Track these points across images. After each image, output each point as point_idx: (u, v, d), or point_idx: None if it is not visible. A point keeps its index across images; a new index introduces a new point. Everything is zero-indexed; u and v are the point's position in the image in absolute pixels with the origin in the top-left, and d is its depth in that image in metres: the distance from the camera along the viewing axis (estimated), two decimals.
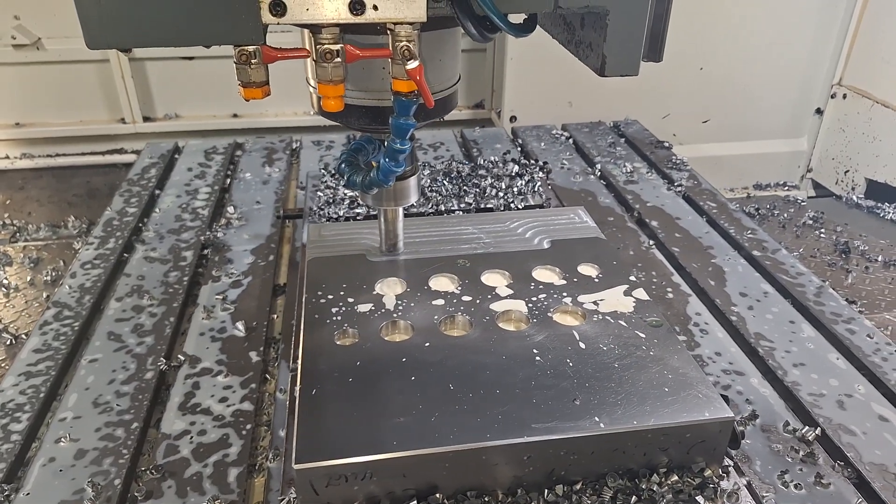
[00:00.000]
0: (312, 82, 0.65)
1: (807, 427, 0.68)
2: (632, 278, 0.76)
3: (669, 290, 0.91)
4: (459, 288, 0.73)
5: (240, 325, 0.82)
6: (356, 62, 0.53)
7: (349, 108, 0.61)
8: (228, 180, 1.19)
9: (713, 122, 1.69)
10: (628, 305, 0.71)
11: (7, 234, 1.38)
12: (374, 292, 0.72)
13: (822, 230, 1.26)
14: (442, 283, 0.74)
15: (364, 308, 0.69)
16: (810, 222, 1.29)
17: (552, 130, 1.41)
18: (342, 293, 0.71)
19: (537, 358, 0.63)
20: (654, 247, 1.01)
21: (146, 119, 1.67)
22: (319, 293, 0.71)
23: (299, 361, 0.62)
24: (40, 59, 1.58)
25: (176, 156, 1.27)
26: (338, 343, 0.65)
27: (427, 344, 0.64)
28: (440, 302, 0.71)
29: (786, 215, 1.34)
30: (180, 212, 1.08)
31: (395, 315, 0.68)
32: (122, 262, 0.96)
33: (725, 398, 0.72)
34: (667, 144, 1.35)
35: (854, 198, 1.55)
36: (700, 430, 0.58)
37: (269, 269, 0.94)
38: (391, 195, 0.72)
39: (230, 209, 1.07)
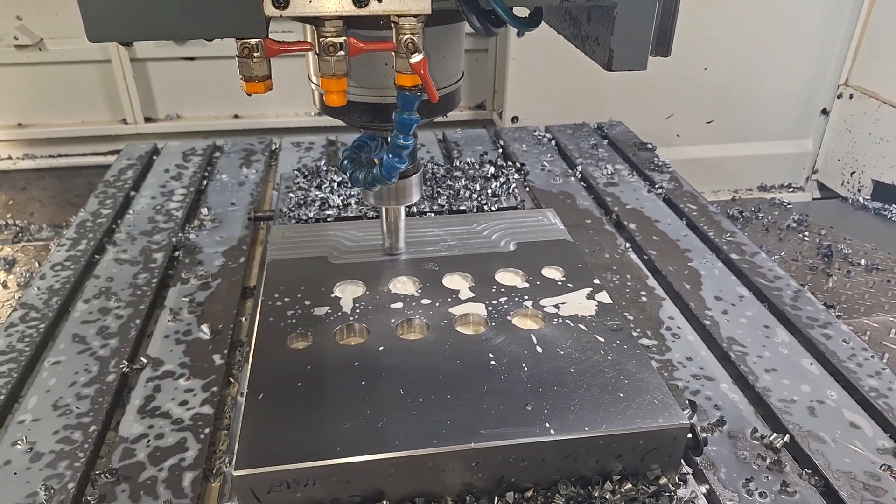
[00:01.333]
0: (314, 79, 0.65)
1: (775, 434, 0.67)
2: (596, 281, 0.75)
3: (643, 293, 0.90)
4: (419, 291, 0.72)
5: (205, 327, 0.82)
6: (358, 58, 0.53)
7: (352, 104, 0.61)
8: (205, 182, 1.18)
9: (717, 122, 1.67)
10: (590, 309, 0.70)
11: (10, 234, 1.39)
12: (333, 295, 0.71)
13: (806, 233, 1.24)
14: (402, 286, 0.73)
15: (320, 311, 0.68)
16: (794, 225, 1.28)
17: (535, 132, 1.40)
18: (300, 296, 0.70)
19: (492, 362, 0.62)
20: (630, 250, 0.99)
21: (148, 120, 1.67)
22: (276, 296, 0.70)
23: (249, 365, 0.61)
24: (42, 60, 1.58)
25: (154, 157, 1.27)
26: (290, 347, 0.64)
27: (381, 348, 0.63)
28: (398, 305, 0.70)
29: (770, 218, 1.32)
30: (154, 213, 1.07)
31: (351, 318, 0.67)
32: (93, 263, 0.96)
33: (693, 404, 0.71)
34: (650, 146, 1.33)
35: (860, 199, 1.53)
36: (654, 437, 0.57)
37: (239, 271, 0.93)
38: (393, 193, 0.72)
39: (203, 211, 1.06)
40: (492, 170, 1.14)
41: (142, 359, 0.78)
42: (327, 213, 0.98)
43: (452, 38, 0.63)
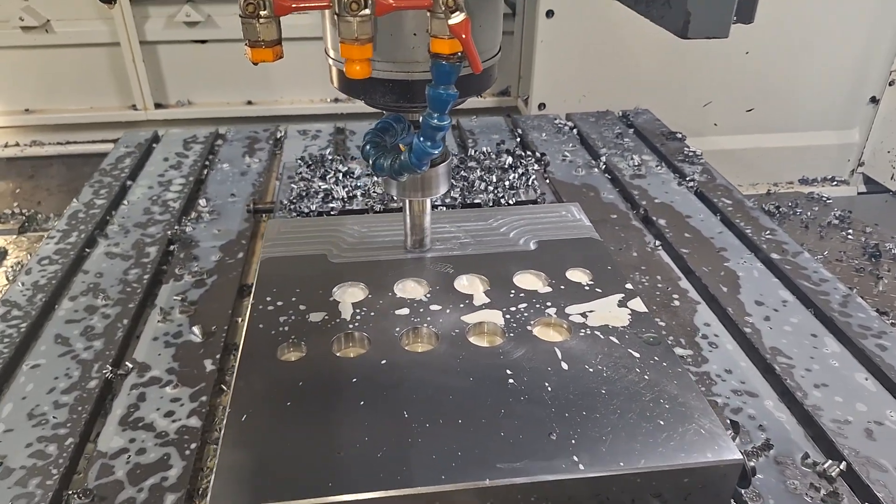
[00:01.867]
0: (332, 53, 0.57)
1: (829, 461, 0.58)
2: (628, 286, 0.65)
3: (676, 296, 0.81)
4: (428, 295, 0.63)
5: (196, 329, 0.74)
6: (382, 27, 0.45)
7: (374, 82, 0.53)
8: (206, 171, 1.10)
9: (758, 110, 1.55)
10: (622, 318, 0.61)
11: (16, 223, 1.33)
12: (331, 299, 0.62)
13: (850, 231, 1.13)
14: (409, 289, 0.64)
15: (316, 317, 0.60)
16: (836, 222, 1.16)
17: (555, 120, 1.30)
18: (294, 299, 0.62)
19: (510, 380, 0.53)
20: (660, 248, 0.90)
21: (158, 106, 1.62)
22: (269, 299, 0.62)
23: (233, 380, 0.53)
24: (49, 43, 1.52)
25: (154, 145, 1.19)
26: (280, 358, 0.55)
27: (383, 361, 0.55)
28: (404, 311, 0.61)
29: (809, 214, 1.21)
30: (150, 204, 0.99)
31: (350, 326, 0.59)
32: (83, 257, 0.88)
33: (735, 425, 0.63)
34: (679, 135, 1.23)
35: None
36: (701, 474, 0.48)
37: (237, 267, 0.85)
38: (418, 184, 0.63)
39: (202, 202, 0.98)
40: (509, 160, 1.05)
41: (127, 363, 0.70)
42: (330, 205, 0.89)
43: (490, 4, 0.55)
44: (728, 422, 0.63)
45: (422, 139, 0.51)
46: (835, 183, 1.61)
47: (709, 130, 1.54)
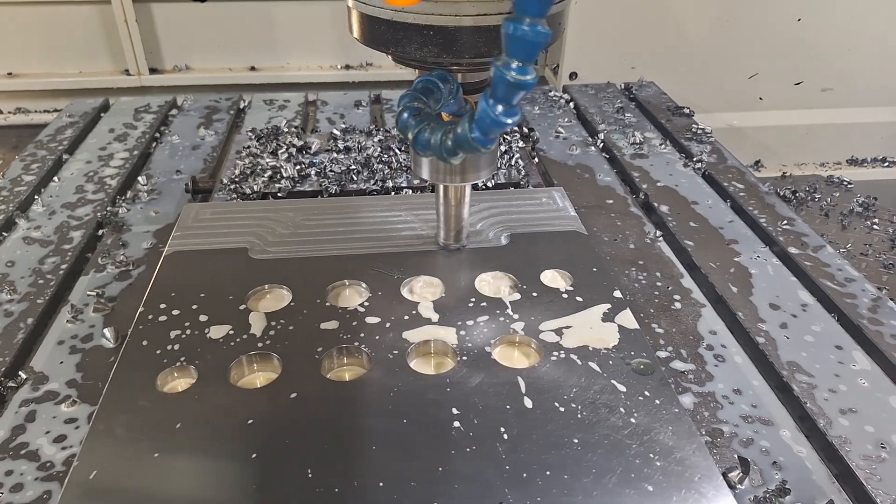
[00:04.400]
0: None
1: None
2: (617, 294, 0.51)
3: (677, 297, 0.67)
4: (366, 304, 0.49)
5: (108, 332, 0.60)
6: None
7: (409, 29, 0.41)
8: (154, 144, 0.96)
9: (807, 84, 1.37)
10: (607, 337, 0.46)
11: None
12: (242, 307, 0.48)
13: (876, 220, 0.97)
14: (344, 295, 0.50)
15: (218, 332, 0.46)
16: (860, 210, 1.01)
17: (549, 92, 1.14)
18: (195, 307, 0.48)
19: (456, 423, 0.39)
20: (661, 239, 0.76)
21: (153, 71, 1.46)
22: (163, 306, 0.48)
23: (93, 416, 0.40)
24: None
25: (103, 114, 1.05)
26: (161, 389, 0.42)
27: (293, 395, 0.41)
28: (332, 325, 0.47)
29: (829, 200, 1.05)
30: (84, 181, 0.86)
31: (259, 345, 0.45)
32: None
33: (744, 463, 0.50)
34: (687, 111, 1.07)
35: None
36: None
37: None
38: (457, 166, 0.49)
39: (141, 179, 0.84)
40: None
41: (21, 374, 0.57)
42: (278, 185, 0.75)
43: None
44: (736, 458, 0.50)
45: (491, 101, 0.36)
46: (886, 164, 1.44)
47: (753, 105, 1.37)
